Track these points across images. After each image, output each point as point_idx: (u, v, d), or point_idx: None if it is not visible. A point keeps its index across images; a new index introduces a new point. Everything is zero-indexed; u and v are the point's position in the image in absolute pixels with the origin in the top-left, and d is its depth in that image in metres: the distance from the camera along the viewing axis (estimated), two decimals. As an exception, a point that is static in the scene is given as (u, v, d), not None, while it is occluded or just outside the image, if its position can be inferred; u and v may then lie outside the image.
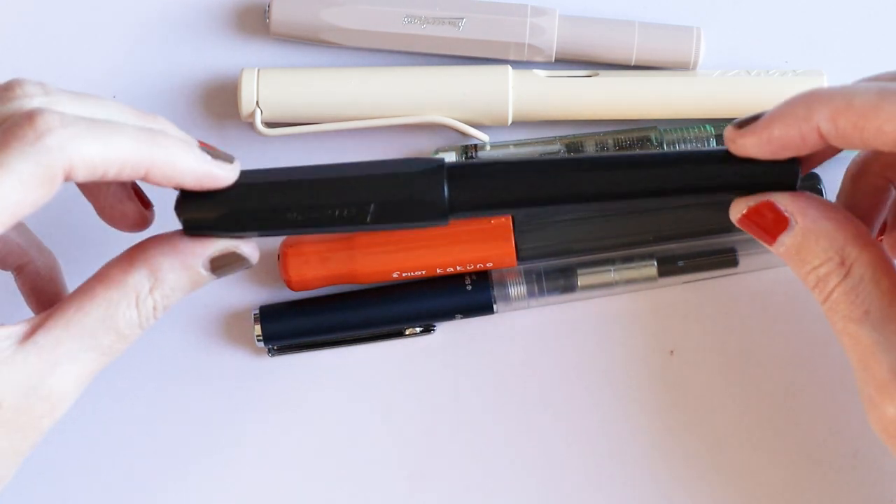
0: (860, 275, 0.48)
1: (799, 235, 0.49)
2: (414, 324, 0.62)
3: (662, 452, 0.61)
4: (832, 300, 0.49)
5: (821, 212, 0.49)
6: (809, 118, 0.48)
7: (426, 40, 0.62)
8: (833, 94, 0.47)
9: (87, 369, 0.49)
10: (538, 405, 0.62)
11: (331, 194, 0.51)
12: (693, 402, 0.62)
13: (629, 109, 0.61)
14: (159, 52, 0.63)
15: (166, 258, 0.50)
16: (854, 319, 0.48)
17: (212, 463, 0.62)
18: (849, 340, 0.49)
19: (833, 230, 0.49)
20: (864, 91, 0.47)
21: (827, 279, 0.49)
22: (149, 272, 0.49)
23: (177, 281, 0.50)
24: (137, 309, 0.49)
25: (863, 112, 0.46)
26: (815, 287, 0.49)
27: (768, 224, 0.50)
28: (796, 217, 0.49)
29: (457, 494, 0.62)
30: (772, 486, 0.61)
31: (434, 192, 0.51)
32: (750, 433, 0.61)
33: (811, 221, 0.49)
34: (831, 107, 0.47)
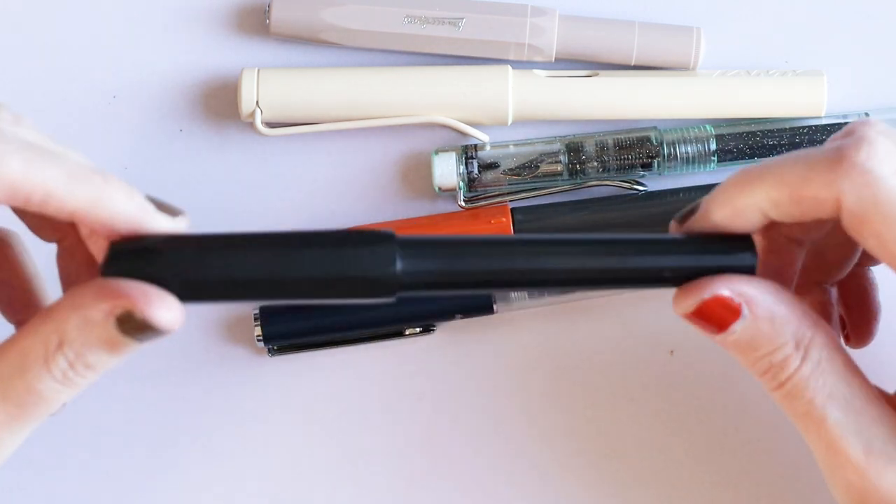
0: (817, 357, 0.47)
1: (751, 323, 0.47)
2: (414, 324, 0.62)
3: (662, 452, 0.61)
4: (791, 386, 0.47)
5: (772, 296, 0.47)
6: (747, 200, 0.47)
7: (426, 40, 0.62)
8: (763, 172, 0.47)
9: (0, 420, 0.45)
10: (538, 405, 0.62)
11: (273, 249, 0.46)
12: (693, 402, 0.62)
13: (629, 109, 0.62)
14: (159, 52, 0.63)
15: (66, 312, 0.45)
16: (817, 404, 0.47)
17: (212, 462, 0.62)
18: (812, 425, 0.47)
19: (786, 313, 0.47)
20: (793, 163, 0.46)
21: (783, 364, 0.47)
22: (55, 326, 0.45)
23: (84, 338, 0.45)
24: (46, 364, 0.45)
25: (794, 185, 0.46)
26: (765, 373, 0.47)
27: (719, 316, 0.47)
28: (749, 305, 0.47)
29: (457, 494, 0.62)
30: (772, 485, 0.61)
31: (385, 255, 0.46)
32: (750, 433, 0.61)
33: (764, 309, 0.47)
34: (765, 185, 0.46)
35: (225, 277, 0.46)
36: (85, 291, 0.45)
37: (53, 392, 0.45)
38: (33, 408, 0.45)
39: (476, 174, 0.61)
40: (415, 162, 0.63)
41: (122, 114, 0.63)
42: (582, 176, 0.62)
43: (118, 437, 0.62)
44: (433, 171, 0.61)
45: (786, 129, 0.62)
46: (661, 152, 0.61)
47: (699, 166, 0.62)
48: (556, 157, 0.62)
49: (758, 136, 0.61)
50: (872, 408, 0.47)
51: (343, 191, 0.63)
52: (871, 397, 0.47)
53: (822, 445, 0.47)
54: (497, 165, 0.62)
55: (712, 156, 0.61)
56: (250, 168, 0.63)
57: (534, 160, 0.62)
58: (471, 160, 0.61)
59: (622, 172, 0.62)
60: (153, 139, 0.63)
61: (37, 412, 0.46)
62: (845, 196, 0.45)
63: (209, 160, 0.63)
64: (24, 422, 0.46)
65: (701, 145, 0.61)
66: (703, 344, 0.62)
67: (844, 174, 0.45)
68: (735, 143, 0.61)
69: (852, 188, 0.45)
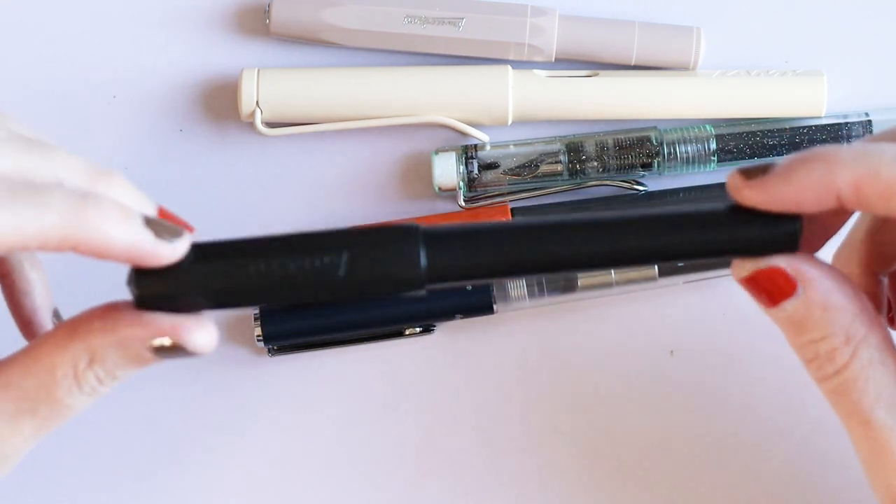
0: (868, 357, 0.46)
1: (804, 305, 0.46)
2: (414, 324, 0.62)
3: (662, 452, 0.61)
4: (838, 381, 0.46)
5: (831, 282, 0.46)
6: (829, 181, 0.45)
7: (426, 40, 0.62)
8: (857, 158, 0.44)
9: (25, 434, 0.46)
10: (538, 405, 0.62)
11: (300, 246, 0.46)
12: (693, 402, 0.62)
13: (629, 109, 0.62)
14: (159, 52, 0.63)
15: (105, 336, 0.46)
16: (865, 406, 0.46)
17: (212, 463, 0.62)
18: (858, 426, 0.46)
19: (842, 305, 0.46)
20: (892, 159, 0.44)
21: (830, 356, 0.46)
22: (86, 347, 0.46)
23: (117, 359, 0.46)
24: (77, 380, 0.46)
25: (891, 183, 0.44)
26: (812, 361, 0.47)
27: (772, 289, 0.46)
28: (805, 286, 0.46)
29: (457, 494, 0.62)
30: (772, 485, 0.61)
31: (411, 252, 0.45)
32: (750, 433, 0.61)
33: (819, 294, 0.46)
34: (855, 172, 0.44)
35: (252, 286, 0.46)
36: (120, 317, 0.46)
37: (81, 404, 0.47)
38: (61, 417, 0.47)
39: (476, 174, 0.61)
40: (415, 162, 0.63)
41: (122, 114, 0.63)
42: (582, 176, 0.62)
43: (118, 436, 0.62)
44: (433, 171, 0.61)
45: (786, 129, 0.62)
46: (661, 152, 0.61)
47: (699, 166, 0.62)
48: (556, 157, 0.62)
49: (758, 136, 0.62)
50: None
51: (343, 191, 0.63)
52: None
53: (865, 446, 0.46)
54: (497, 165, 0.62)
55: (712, 156, 0.61)
56: (250, 168, 0.63)
57: (534, 160, 0.62)
58: (471, 160, 0.61)
59: (622, 172, 0.62)
60: (153, 139, 0.63)
61: (62, 420, 0.47)
62: None
63: (209, 160, 0.63)
64: (49, 429, 0.47)
65: (701, 145, 0.61)
66: (703, 344, 0.62)
67: None
68: (735, 143, 0.61)
69: None
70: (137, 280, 0.46)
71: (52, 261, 0.56)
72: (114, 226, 0.45)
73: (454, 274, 0.46)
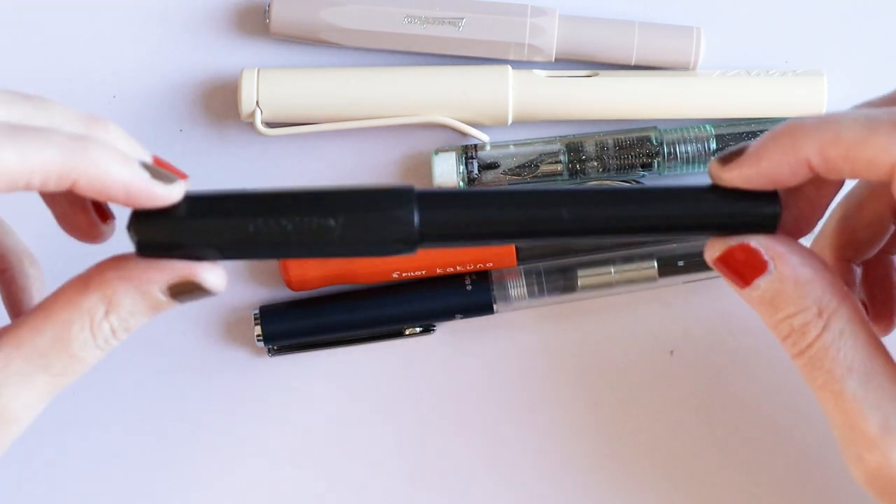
0: (840, 328, 0.47)
1: (777, 281, 0.47)
2: (414, 324, 0.62)
3: (662, 452, 0.62)
4: (811, 354, 0.47)
5: (801, 258, 0.48)
6: (797, 151, 0.46)
7: (426, 40, 0.62)
8: (819, 126, 0.46)
9: (39, 391, 0.47)
10: (538, 405, 0.62)
11: (295, 205, 0.47)
12: (693, 402, 0.62)
13: (629, 109, 0.62)
14: (159, 52, 0.63)
15: (121, 283, 0.47)
16: (836, 376, 0.47)
17: (212, 462, 0.62)
18: (830, 397, 0.47)
19: (812, 279, 0.47)
20: (853, 121, 0.46)
21: (804, 330, 0.47)
22: (102, 296, 0.47)
23: (133, 306, 0.47)
24: (92, 332, 0.47)
25: (851, 143, 0.45)
26: (787, 337, 0.48)
27: (744, 267, 0.47)
28: (776, 262, 0.47)
29: (457, 494, 0.62)
30: (773, 485, 0.61)
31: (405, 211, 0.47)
32: (750, 433, 0.61)
33: (791, 268, 0.47)
34: (819, 139, 0.46)
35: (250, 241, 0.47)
36: (134, 263, 0.47)
37: (94, 357, 0.48)
38: (73, 373, 0.48)
39: (476, 174, 0.61)
40: (415, 162, 0.63)
41: (122, 114, 0.63)
42: (582, 176, 0.62)
43: (118, 436, 0.62)
44: (433, 171, 0.61)
45: (786, 129, 0.62)
46: (661, 152, 0.61)
47: (699, 166, 0.62)
48: (556, 157, 0.62)
49: (758, 136, 0.61)
50: (893, 385, 0.46)
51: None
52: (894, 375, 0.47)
53: (838, 418, 0.47)
54: (497, 165, 0.62)
55: (712, 156, 0.62)
56: (250, 168, 0.63)
57: (534, 160, 0.62)
58: (471, 160, 0.61)
59: (622, 172, 0.62)
60: (153, 139, 0.63)
61: (75, 376, 0.48)
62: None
63: (209, 160, 0.63)
64: (62, 386, 0.48)
65: (701, 145, 0.61)
66: (703, 344, 0.62)
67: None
68: (735, 143, 0.61)
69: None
70: (137, 226, 0.47)
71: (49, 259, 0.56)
72: (113, 164, 0.46)
73: (446, 234, 0.47)
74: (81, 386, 0.61)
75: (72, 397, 0.62)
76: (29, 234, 0.55)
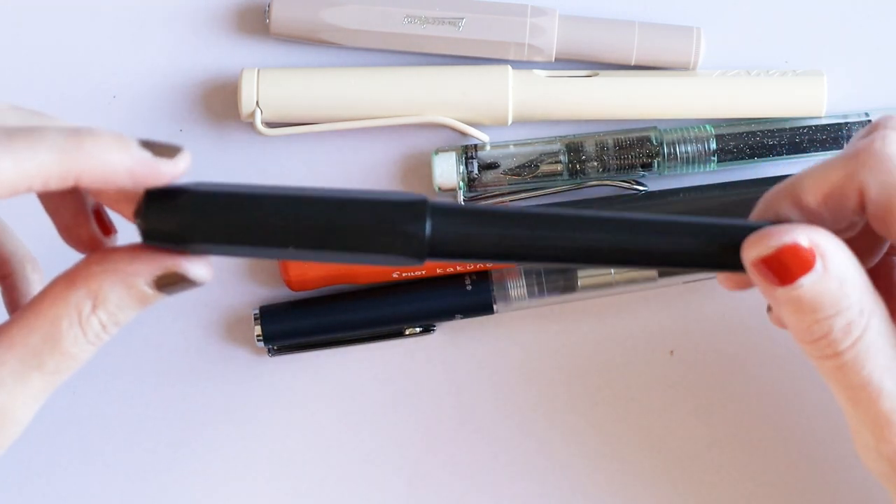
0: (878, 328, 0.45)
1: (822, 280, 0.45)
2: (414, 324, 0.62)
3: (662, 452, 0.62)
4: (852, 355, 0.45)
5: (846, 254, 0.45)
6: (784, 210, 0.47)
7: (426, 40, 0.62)
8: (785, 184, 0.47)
9: (35, 390, 0.47)
10: (538, 405, 0.62)
11: (306, 208, 0.46)
12: (693, 402, 0.62)
13: (629, 109, 0.62)
14: (159, 52, 0.63)
15: (107, 277, 0.47)
16: (875, 377, 0.45)
17: (212, 462, 0.62)
18: (864, 397, 0.46)
19: (856, 277, 0.45)
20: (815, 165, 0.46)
21: (846, 330, 0.45)
22: (88, 291, 0.46)
23: (120, 299, 0.47)
24: (81, 328, 0.47)
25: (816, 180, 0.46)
26: (820, 339, 0.45)
27: (789, 265, 0.45)
28: (825, 259, 0.45)
29: (456, 494, 0.62)
30: (773, 486, 0.61)
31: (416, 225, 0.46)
32: (750, 433, 0.61)
33: (837, 266, 0.45)
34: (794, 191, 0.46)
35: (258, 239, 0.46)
36: (119, 256, 0.47)
37: (86, 353, 0.47)
38: (67, 370, 0.47)
39: (476, 174, 0.61)
40: (415, 162, 0.63)
41: (122, 114, 0.63)
42: (582, 176, 0.62)
43: (118, 436, 0.62)
44: (433, 171, 0.61)
45: (786, 129, 0.62)
46: (661, 152, 0.61)
47: (699, 166, 0.62)
48: (556, 157, 0.62)
49: (758, 136, 0.62)
50: None
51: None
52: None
53: (870, 418, 0.46)
54: (497, 165, 0.62)
55: (712, 156, 0.62)
56: (250, 168, 0.63)
57: (534, 160, 0.62)
58: (471, 160, 0.61)
59: (622, 172, 0.62)
60: (153, 139, 0.63)
61: (69, 372, 0.48)
62: (867, 186, 0.45)
63: (209, 160, 0.63)
64: (56, 384, 0.47)
65: (701, 145, 0.61)
66: (703, 344, 0.62)
67: (863, 164, 0.45)
68: (735, 143, 0.61)
69: (872, 177, 0.45)
70: (146, 214, 0.46)
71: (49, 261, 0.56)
72: (112, 150, 0.45)
73: (454, 251, 0.46)
74: (81, 386, 0.61)
75: (72, 397, 0.62)
76: (29, 236, 0.55)
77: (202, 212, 0.46)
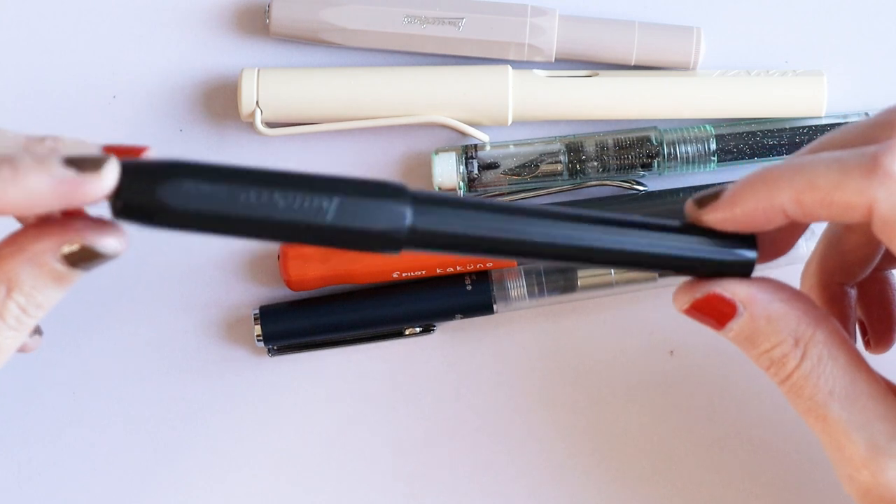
0: (817, 354, 0.47)
1: (749, 321, 0.48)
2: (414, 324, 0.62)
3: (662, 452, 0.61)
4: (792, 382, 0.48)
5: (770, 294, 0.48)
6: (773, 199, 0.47)
7: (426, 40, 0.62)
8: (793, 174, 0.46)
9: None
10: (538, 405, 0.62)
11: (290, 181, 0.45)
12: (693, 402, 0.62)
13: (629, 109, 0.62)
14: (159, 52, 0.63)
15: (14, 258, 0.45)
16: (819, 402, 0.47)
17: (211, 462, 0.62)
18: (816, 422, 0.48)
19: (784, 312, 0.48)
20: (825, 167, 0.46)
21: (783, 361, 0.48)
22: (0, 276, 0.45)
23: (34, 280, 0.45)
24: (2, 316, 0.45)
25: (827, 190, 0.45)
26: (769, 369, 0.48)
27: (714, 313, 0.48)
28: (745, 305, 0.48)
29: (456, 494, 0.62)
30: (772, 486, 0.61)
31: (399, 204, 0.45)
32: (750, 433, 0.61)
33: (761, 307, 0.48)
34: (794, 187, 0.46)
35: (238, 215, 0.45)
36: (25, 235, 0.45)
37: (12, 340, 0.46)
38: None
39: (476, 174, 0.61)
40: (415, 162, 0.63)
41: (122, 114, 0.63)
42: (582, 176, 0.62)
43: (118, 436, 0.62)
44: (433, 171, 0.61)
45: (786, 129, 0.62)
46: (661, 152, 0.61)
47: (699, 166, 0.62)
48: (556, 157, 0.62)
49: (758, 136, 0.62)
50: (878, 404, 0.47)
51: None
52: (878, 393, 0.47)
53: (825, 441, 0.48)
54: (497, 165, 0.62)
55: (712, 156, 0.62)
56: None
57: (534, 160, 0.62)
58: (471, 160, 0.61)
59: (622, 172, 0.62)
60: (153, 139, 0.63)
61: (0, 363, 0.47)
62: (879, 204, 0.45)
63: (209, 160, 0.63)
64: None
65: (701, 145, 0.61)
66: (703, 344, 0.62)
67: (879, 182, 0.45)
68: (735, 143, 0.61)
69: (887, 196, 0.45)
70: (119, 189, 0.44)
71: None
72: (28, 175, 0.44)
73: (433, 242, 0.46)
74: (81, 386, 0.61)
75: (71, 397, 0.62)
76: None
77: (179, 183, 0.44)
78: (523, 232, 0.47)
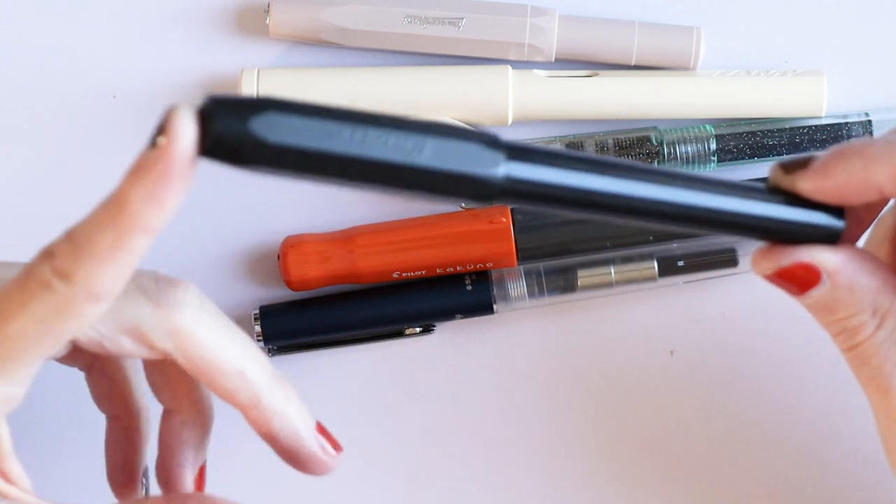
0: (893, 325, 0.47)
1: (830, 290, 0.47)
2: (414, 324, 0.62)
3: (662, 452, 0.61)
4: (860, 350, 0.48)
5: (857, 264, 0.47)
6: (869, 176, 0.46)
7: (426, 40, 0.62)
8: (894, 152, 0.46)
9: None
10: (538, 405, 0.62)
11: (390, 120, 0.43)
12: (693, 402, 0.62)
13: (629, 109, 0.62)
14: (159, 52, 0.63)
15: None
16: (884, 372, 0.47)
17: (211, 462, 0.62)
18: (875, 392, 0.48)
19: (867, 283, 0.47)
20: None
21: (857, 330, 0.47)
22: None
23: None
24: None
25: None
26: (838, 335, 0.48)
27: (799, 281, 0.48)
28: (830, 276, 0.47)
29: (457, 494, 0.62)
30: (772, 485, 0.61)
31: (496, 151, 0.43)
32: (750, 433, 0.61)
33: (845, 278, 0.47)
34: (894, 166, 0.45)
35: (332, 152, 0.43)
36: None
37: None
38: None
39: (476, 174, 0.61)
40: (415, 162, 0.63)
41: (122, 114, 0.63)
42: (582, 176, 0.62)
43: (118, 437, 0.62)
44: (433, 171, 0.61)
45: (786, 129, 0.62)
46: (661, 152, 0.61)
47: (699, 166, 0.62)
48: (556, 157, 0.62)
49: (758, 136, 0.62)
50: None
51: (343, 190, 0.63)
52: None
53: (882, 411, 0.48)
54: (497, 165, 0.61)
55: (712, 156, 0.62)
56: (250, 168, 0.63)
57: (534, 160, 0.62)
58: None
59: (622, 172, 0.62)
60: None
61: None
62: None
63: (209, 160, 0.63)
64: None
65: (701, 145, 0.61)
66: (704, 344, 0.62)
67: None
68: (735, 143, 0.61)
69: None
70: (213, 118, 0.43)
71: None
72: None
73: (528, 193, 0.44)
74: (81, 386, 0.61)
75: (71, 397, 0.62)
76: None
77: (271, 126, 0.42)
78: (620, 187, 0.45)
